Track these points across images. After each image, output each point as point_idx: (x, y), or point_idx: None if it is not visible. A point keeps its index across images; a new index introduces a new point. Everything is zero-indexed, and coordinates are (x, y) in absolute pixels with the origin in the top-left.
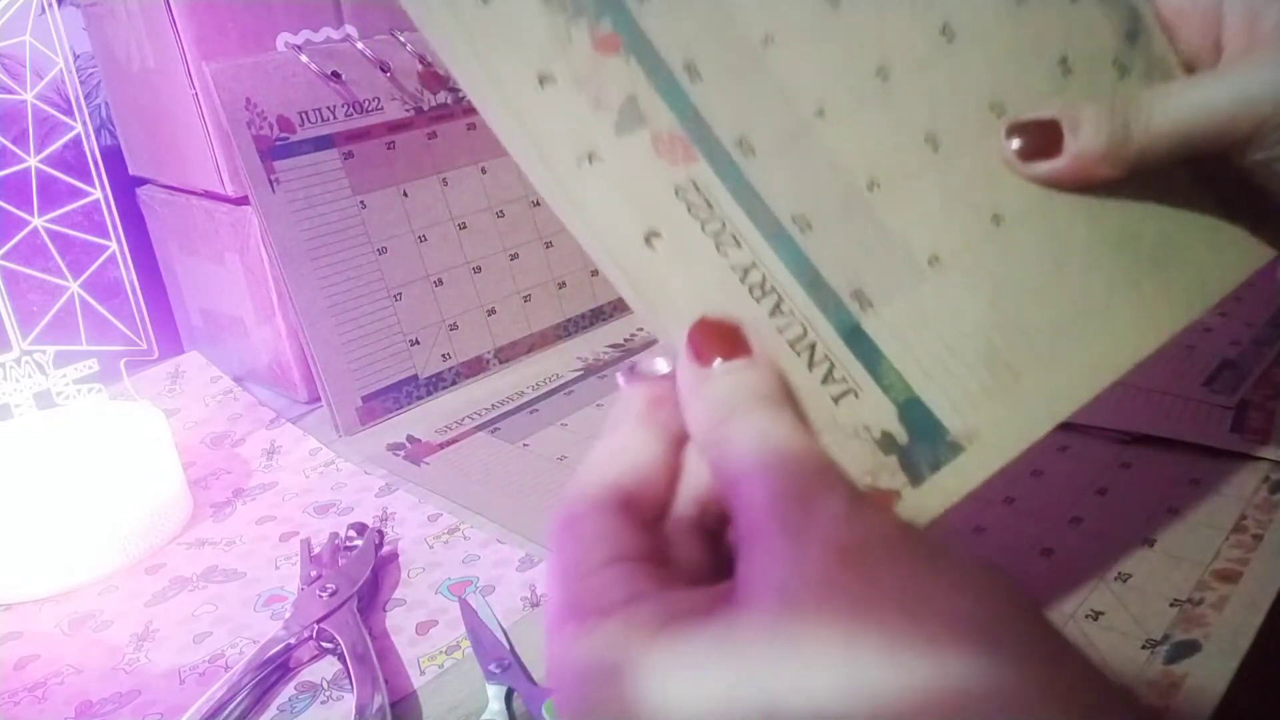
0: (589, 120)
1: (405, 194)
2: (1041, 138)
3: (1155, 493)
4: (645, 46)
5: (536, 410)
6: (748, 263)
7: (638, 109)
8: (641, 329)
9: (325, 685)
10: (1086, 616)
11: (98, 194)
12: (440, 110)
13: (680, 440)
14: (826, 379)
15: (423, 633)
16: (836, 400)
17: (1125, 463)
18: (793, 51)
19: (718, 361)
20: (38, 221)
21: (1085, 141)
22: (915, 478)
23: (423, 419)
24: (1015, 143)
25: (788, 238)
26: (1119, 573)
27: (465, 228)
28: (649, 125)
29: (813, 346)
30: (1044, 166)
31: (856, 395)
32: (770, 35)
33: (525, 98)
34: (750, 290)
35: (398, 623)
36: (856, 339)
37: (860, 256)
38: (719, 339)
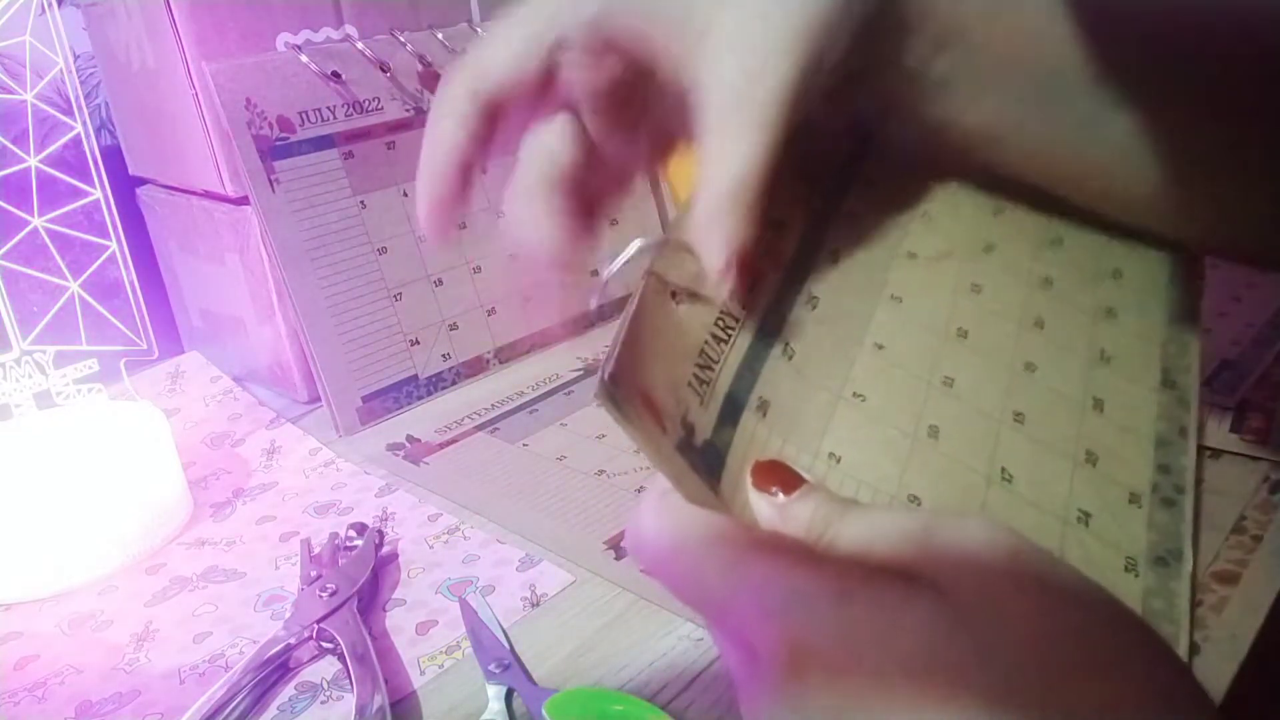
0: None
1: (405, 194)
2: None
3: None
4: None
5: (536, 410)
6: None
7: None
8: None
9: (325, 685)
10: None
11: (98, 194)
12: None
13: None
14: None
15: (423, 633)
16: None
17: None
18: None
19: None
20: (38, 221)
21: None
22: None
23: (423, 419)
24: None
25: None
26: None
27: (465, 228)
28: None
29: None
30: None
31: None
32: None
33: None
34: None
35: (398, 623)
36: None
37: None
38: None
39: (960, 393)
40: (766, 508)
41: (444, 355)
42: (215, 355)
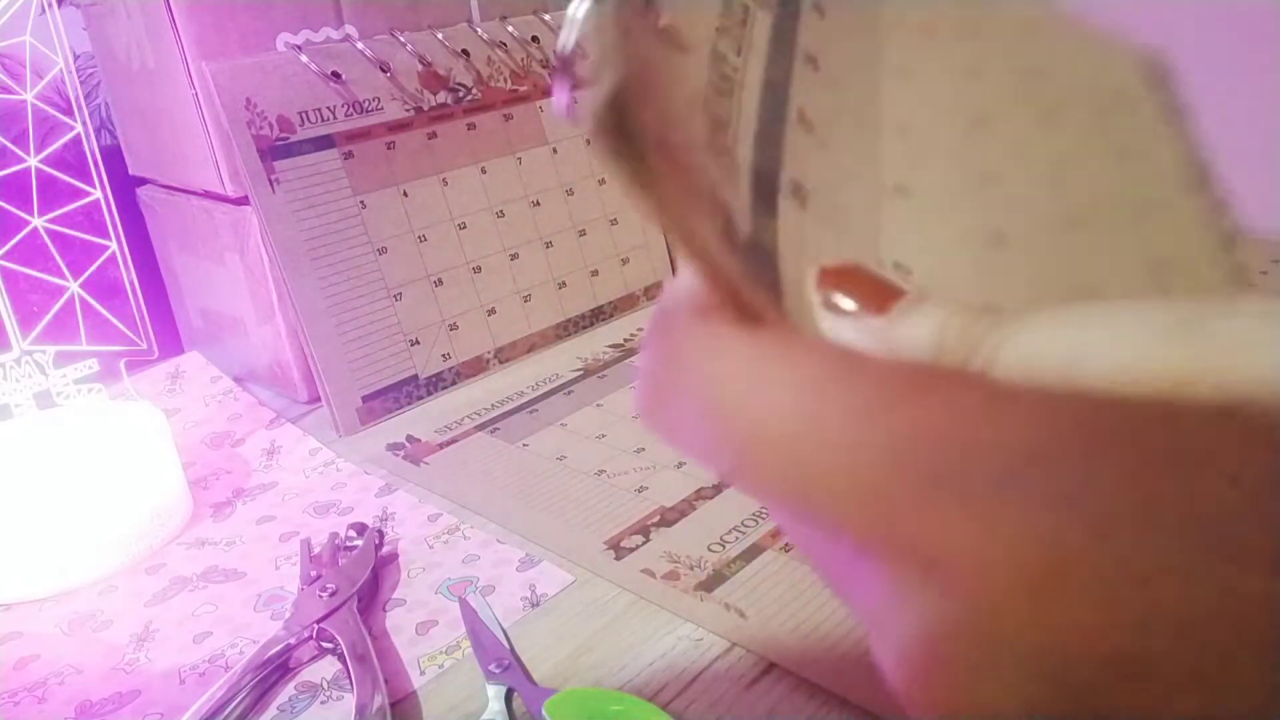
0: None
1: (405, 194)
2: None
3: None
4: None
5: (536, 410)
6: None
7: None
8: (642, 329)
9: (325, 685)
10: None
11: (98, 194)
12: (440, 110)
13: None
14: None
15: (423, 633)
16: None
17: None
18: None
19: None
20: (38, 221)
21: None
22: None
23: (423, 419)
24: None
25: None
26: None
27: (465, 228)
28: None
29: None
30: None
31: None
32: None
33: None
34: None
35: (398, 623)
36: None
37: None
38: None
39: (1008, 191)
40: (853, 334)
41: (444, 355)
42: (215, 355)
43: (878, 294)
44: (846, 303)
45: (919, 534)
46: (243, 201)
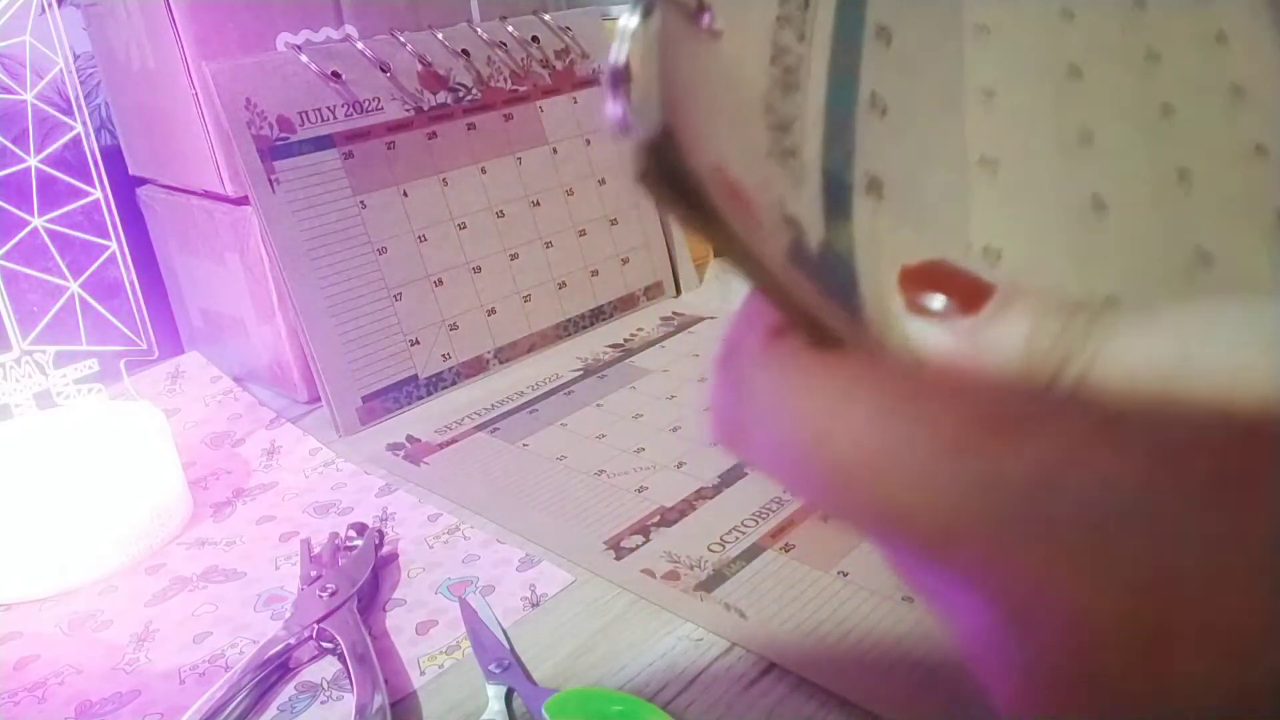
0: None
1: (405, 194)
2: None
3: None
4: None
5: (536, 410)
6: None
7: None
8: (641, 329)
9: (325, 685)
10: None
11: (98, 194)
12: (440, 110)
13: None
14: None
15: (423, 633)
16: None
17: None
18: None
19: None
20: (38, 221)
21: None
22: None
23: (423, 419)
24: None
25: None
26: None
27: (465, 228)
28: None
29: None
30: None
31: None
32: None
33: None
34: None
35: (398, 623)
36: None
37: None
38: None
39: (1107, 149)
40: (942, 337)
41: (444, 355)
42: (215, 355)
43: (965, 292)
44: (932, 303)
45: (1015, 574)
46: (243, 201)
